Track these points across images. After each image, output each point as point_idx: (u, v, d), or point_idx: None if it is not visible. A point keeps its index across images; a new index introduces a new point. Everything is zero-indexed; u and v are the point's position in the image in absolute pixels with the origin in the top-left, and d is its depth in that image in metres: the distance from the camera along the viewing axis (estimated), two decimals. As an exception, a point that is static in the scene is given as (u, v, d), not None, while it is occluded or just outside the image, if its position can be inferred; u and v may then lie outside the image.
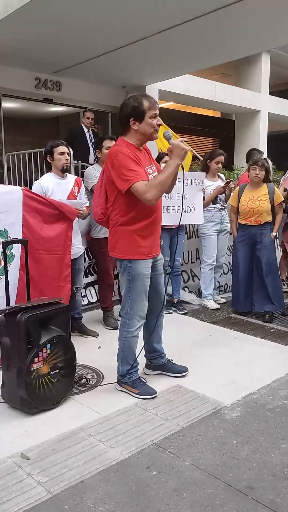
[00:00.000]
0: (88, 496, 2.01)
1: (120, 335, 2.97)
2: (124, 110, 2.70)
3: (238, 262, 4.63)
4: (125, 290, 2.88)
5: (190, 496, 2.00)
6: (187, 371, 3.20)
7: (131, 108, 2.67)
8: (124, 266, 2.82)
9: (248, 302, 4.63)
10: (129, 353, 2.95)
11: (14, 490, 2.03)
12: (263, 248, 4.48)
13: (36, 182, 3.80)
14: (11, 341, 2.68)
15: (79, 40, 6.91)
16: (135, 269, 2.80)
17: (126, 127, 2.75)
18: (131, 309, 2.88)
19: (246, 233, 4.55)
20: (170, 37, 6.90)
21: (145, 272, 2.84)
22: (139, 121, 2.69)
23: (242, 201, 4.53)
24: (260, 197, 4.47)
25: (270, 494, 2.02)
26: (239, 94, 12.85)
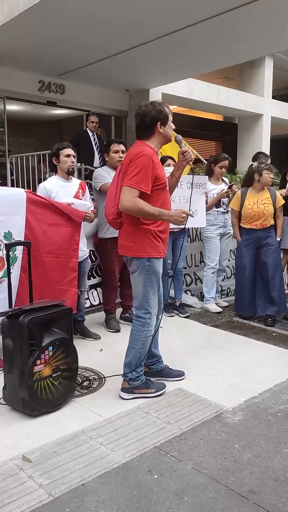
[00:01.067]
0: (89, 499, 2.00)
1: (138, 337, 2.91)
2: (152, 114, 2.77)
3: (244, 266, 4.60)
4: (143, 289, 2.86)
5: (191, 500, 2.00)
6: (184, 375, 3.21)
7: (158, 112, 2.78)
8: (143, 265, 2.83)
9: (252, 306, 4.63)
10: (144, 354, 2.95)
11: (15, 493, 2.03)
12: (269, 251, 4.49)
13: (40, 184, 3.82)
14: (14, 343, 2.68)
15: (83, 43, 6.95)
16: (153, 268, 2.85)
17: (151, 131, 2.81)
18: (150, 307, 2.90)
19: (252, 237, 4.54)
20: (173, 41, 6.93)
21: (161, 271, 2.92)
22: (164, 125, 2.81)
23: (246, 205, 4.50)
24: (264, 200, 4.47)
25: (272, 498, 2.01)
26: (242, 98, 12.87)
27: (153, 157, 2.74)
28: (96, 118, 7.57)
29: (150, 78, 9.23)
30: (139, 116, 2.81)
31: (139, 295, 2.89)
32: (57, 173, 3.82)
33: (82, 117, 10.23)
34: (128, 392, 2.92)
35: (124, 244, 2.88)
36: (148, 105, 2.81)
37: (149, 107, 2.79)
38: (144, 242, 2.80)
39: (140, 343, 2.92)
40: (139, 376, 2.94)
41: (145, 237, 2.80)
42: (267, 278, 4.48)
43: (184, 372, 3.23)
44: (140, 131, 2.83)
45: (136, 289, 2.90)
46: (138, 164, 2.67)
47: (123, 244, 2.90)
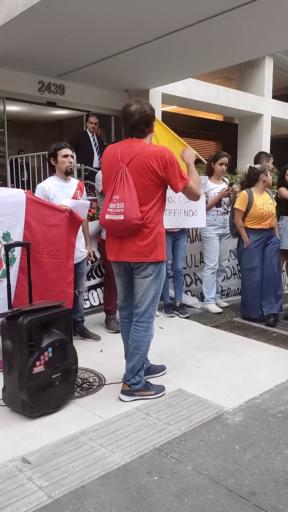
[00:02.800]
0: (89, 501, 1.99)
1: (142, 342, 2.88)
2: (148, 112, 2.72)
3: (254, 267, 4.53)
4: (152, 294, 2.83)
5: (191, 502, 1.99)
6: (165, 368, 3.30)
7: (152, 110, 2.76)
8: (159, 269, 2.82)
9: (259, 306, 4.63)
10: (146, 357, 2.95)
11: (14, 495, 2.02)
12: (274, 249, 4.57)
13: (39, 185, 3.81)
14: (13, 344, 2.68)
15: (83, 44, 6.94)
16: (163, 270, 2.87)
17: (148, 130, 2.77)
18: (154, 311, 2.90)
19: (261, 237, 4.53)
20: (173, 41, 6.92)
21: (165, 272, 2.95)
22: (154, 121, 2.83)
23: (257, 206, 4.45)
24: (269, 200, 4.54)
25: (272, 500, 2.00)
26: (242, 98, 12.87)
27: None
28: (96, 119, 7.57)
29: (150, 78, 9.24)
30: (138, 114, 2.68)
31: (147, 300, 2.83)
32: (55, 174, 3.81)
33: (82, 118, 10.23)
34: (128, 395, 2.91)
35: (144, 250, 2.73)
36: (144, 104, 2.72)
37: (144, 105, 2.71)
38: (163, 246, 2.83)
39: (144, 348, 2.90)
40: (141, 379, 2.93)
41: (163, 240, 2.83)
42: (274, 276, 4.52)
43: (165, 366, 3.31)
44: (137, 128, 2.71)
45: (145, 294, 2.82)
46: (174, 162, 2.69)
47: (141, 250, 2.74)
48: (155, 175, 2.66)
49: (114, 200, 2.68)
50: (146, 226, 2.72)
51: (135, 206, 2.65)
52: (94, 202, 5.39)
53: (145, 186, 2.68)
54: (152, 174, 2.66)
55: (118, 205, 2.67)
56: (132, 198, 2.65)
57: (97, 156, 7.50)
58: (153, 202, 2.72)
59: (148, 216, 2.71)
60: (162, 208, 2.81)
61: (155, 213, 2.74)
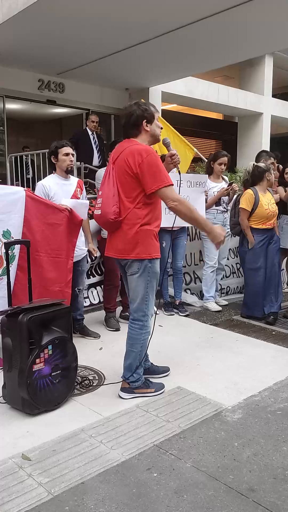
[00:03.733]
0: (88, 497, 2.00)
1: (137, 340, 2.89)
2: (137, 113, 2.77)
3: (259, 267, 4.52)
4: (143, 292, 2.83)
5: (191, 498, 2.00)
6: (169, 370, 3.25)
7: (143, 110, 2.77)
8: (144, 267, 2.80)
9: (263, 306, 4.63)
10: (143, 354, 2.95)
11: (14, 491, 2.04)
12: (275, 248, 4.58)
13: (39, 183, 3.82)
14: (13, 341, 2.68)
15: (83, 42, 6.94)
16: (154, 268, 2.85)
17: (137, 130, 2.80)
18: (148, 310, 2.89)
19: (265, 236, 4.52)
20: (173, 39, 6.92)
21: (158, 271, 2.91)
22: (150, 123, 2.80)
23: (263, 206, 4.44)
24: (272, 199, 4.55)
25: (271, 496, 2.02)
26: (242, 97, 12.86)
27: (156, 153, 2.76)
28: (97, 117, 7.57)
29: (149, 76, 9.23)
30: (125, 116, 2.81)
31: (138, 297, 2.85)
32: (56, 172, 3.81)
33: (82, 116, 10.23)
34: (128, 392, 2.92)
35: (127, 247, 2.78)
36: (132, 105, 2.81)
37: (134, 106, 2.79)
38: (147, 244, 2.78)
39: (139, 346, 2.91)
40: (139, 377, 2.94)
41: (148, 238, 2.78)
42: (275, 275, 4.53)
43: (169, 368, 3.26)
44: (128, 130, 2.82)
45: (136, 291, 2.85)
46: (153, 164, 2.65)
47: (123, 247, 2.79)
48: (131, 172, 2.70)
49: (99, 195, 2.87)
50: (126, 223, 2.76)
51: (111, 202, 2.75)
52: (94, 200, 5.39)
53: (125, 183, 2.75)
54: (128, 171, 2.71)
55: (99, 200, 2.84)
56: (109, 193, 2.76)
57: (97, 154, 7.50)
58: (133, 199, 2.73)
59: (128, 213, 2.75)
60: (148, 206, 2.76)
61: (137, 210, 2.74)
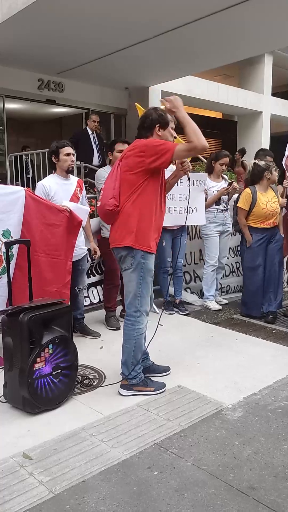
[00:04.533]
0: (89, 495, 2.01)
1: (130, 336, 2.93)
2: (152, 116, 2.87)
3: (257, 266, 4.54)
4: (135, 287, 2.87)
5: (191, 496, 2.01)
6: (169, 370, 3.26)
7: (158, 115, 2.87)
8: (138, 263, 2.84)
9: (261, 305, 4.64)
10: (139, 351, 2.97)
11: (16, 490, 2.04)
12: (276, 248, 4.54)
13: (39, 182, 3.82)
14: (14, 341, 2.69)
15: (82, 41, 6.94)
16: (147, 265, 2.87)
17: (149, 133, 2.88)
18: (141, 306, 2.91)
19: (264, 235, 4.52)
20: (173, 39, 6.92)
21: (153, 268, 2.93)
22: (163, 128, 2.88)
23: (260, 205, 4.43)
24: (273, 198, 4.50)
25: (271, 494, 2.02)
26: (242, 96, 12.85)
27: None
28: (97, 117, 7.56)
29: (149, 76, 9.23)
30: (141, 118, 2.93)
31: (130, 293, 2.90)
32: (56, 171, 3.82)
33: (82, 115, 10.22)
34: (127, 389, 2.94)
35: (121, 236, 2.84)
36: (151, 109, 2.93)
37: (151, 110, 2.91)
38: (142, 236, 2.81)
39: (132, 342, 2.93)
40: (137, 374, 2.95)
41: (146, 228, 2.82)
42: (276, 274, 4.52)
43: (169, 367, 3.27)
44: (140, 131, 2.91)
45: (129, 287, 2.91)
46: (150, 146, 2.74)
47: (119, 235, 2.86)
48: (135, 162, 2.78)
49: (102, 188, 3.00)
50: (122, 215, 2.85)
51: (110, 194, 2.86)
52: (94, 199, 5.40)
53: (125, 177, 2.84)
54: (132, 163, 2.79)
55: (101, 193, 2.97)
56: (110, 186, 2.87)
57: (97, 154, 7.50)
58: (131, 192, 2.81)
59: (125, 205, 2.83)
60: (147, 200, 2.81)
61: (133, 203, 2.81)
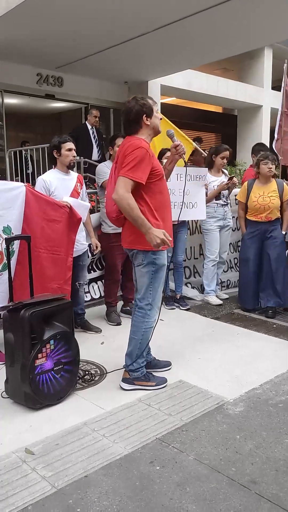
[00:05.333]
0: (92, 490, 2.02)
1: (138, 328, 2.94)
2: (136, 109, 2.80)
3: (247, 258, 4.58)
4: (147, 282, 2.88)
5: (193, 491, 2.02)
6: (171, 365, 3.28)
7: (141, 105, 2.80)
8: (149, 259, 2.84)
9: (255, 298, 4.64)
10: (145, 345, 2.98)
11: (18, 485, 2.05)
12: (273, 244, 4.48)
13: (39, 177, 3.81)
14: (15, 337, 2.69)
15: (81, 35, 6.89)
16: (159, 260, 2.87)
17: (137, 125, 2.83)
18: (153, 300, 2.92)
19: (257, 229, 4.52)
20: (172, 32, 6.87)
21: (165, 263, 2.94)
22: (149, 117, 2.83)
23: (252, 198, 4.47)
24: (270, 193, 4.44)
25: (273, 488, 2.03)
26: (242, 89, 12.79)
27: (149, 150, 2.76)
28: (98, 112, 7.54)
29: (148, 70, 9.17)
30: (124, 113, 2.86)
31: (143, 287, 2.90)
32: (56, 166, 3.80)
33: (81, 110, 10.18)
34: (128, 383, 2.96)
35: (130, 239, 2.87)
36: (131, 100, 2.85)
37: (132, 102, 2.82)
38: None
39: (140, 334, 2.94)
40: (139, 367, 2.96)
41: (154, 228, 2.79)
42: (271, 271, 4.49)
43: (171, 362, 3.29)
44: (128, 127, 2.86)
45: (141, 281, 2.91)
46: (135, 156, 2.67)
47: (128, 238, 2.89)
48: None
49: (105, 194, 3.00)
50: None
51: (110, 202, 2.87)
52: (94, 195, 5.39)
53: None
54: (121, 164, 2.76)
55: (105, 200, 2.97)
56: (110, 192, 2.85)
57: (96, 149, 7.48)
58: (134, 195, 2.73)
59: None
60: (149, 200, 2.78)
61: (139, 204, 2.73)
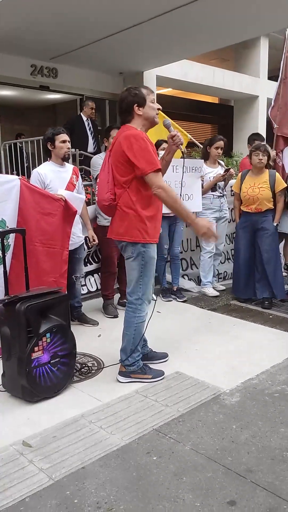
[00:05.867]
0: (89, 481, 2.03)
1: (130, 323, 2.94)
2: (127, 99, 2.80)
3: (239, 248, 4.63)
4: (137, 275, 2.88)
5: (190, 480, 2.03)
6: (167, 356, 3.29)
7: (133, 95, 2.80)
8: (138, 251, 2.84)
9: (249, 289, 4.64)
10: (139, 339, 2.98)
11: (16, 477, 2.06)
12: (264, 235, 4.46)
13: (34, 170, 3.78)
14: (11, 330, 2.69)
15: (75, 25, 6.82)
16: (148, 253, 2.86)
17: (129, 115, 2.82)
18: (143, 294, 2.92)
19: (248, 220, 4.53)
20: (167, 22, 6.81)
21: (155, 256, 2.93)
22: (142, 106, 2.81)
23: (243, 189, 4.50)
24: (261, 184, 4.42)
25: (269, 477, 2.05)
26: (238, 79, 12.71)
27: (147, 138, 2.75)
28: (93, 103, 7.49)
29: (144, 60, 9.10)
30: (118, 103, 2.88)
31: (132, 281, 2.91)
32: (51, 159, 3.78)
33: (76, 101, 10.11)
34: (124, 376, 2.97)
35: (120, 230, 2.86)
36: (124, 91, 2.85)
37: (125, 93, 2.83)
38: (142, 228, 2.80)
39: (132, 329, 2.94)
40: (135, 361, 2.97)
41: (142, 222, 2.80)
42: (263, 261, 4.48)
43: (168, 354, 3.30)
44: (121, 117, 2.87)
45: (130, 275, 2.91)
46: (140, 148, 2.67)
47: (118, 229, 2.88)
48: (124, 157, 2.73)
49: (97, 182, 2.96)
50: (120, 208, 2.83)
51: (105, 188, 2.84)
52: (90, 187, 5.37)
53: (118, 169, 2.80)
54: (120, 156, 2.75)
55: (97, 187, 2.94)
56: (104, 180, 2.85)
57: (92, 140, 7.44)
58: (127, 184, 2.78)
59: (123, 198, 2.80)
60: (141, 190, 2.77)
61: (131, 195, 2.77)
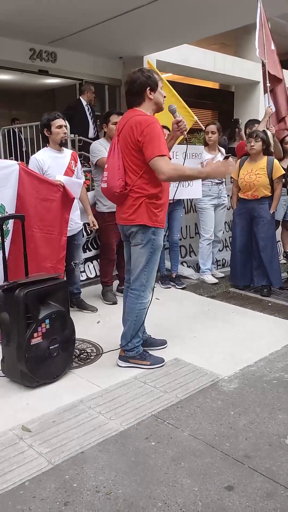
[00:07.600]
0: (88, 466, 2.05)
1: (132, 309, 2.95)
2: (140, 80, 2.73)
3: (236, 235, 4.63)
4: (144, 262, 2.87)
5: (188, 465, 2.05)
6: (166, 343, 3.31)
7: (146, 77, 2.73)
8: (148, 238, 2.83)
9: (246, 276, 4.64)
10: (139, 325, 2.99)
11: (15, 461, 2.08)
12: (260, 223, 4.43)
13: (32, 156, 3.75)
14: (10, 316, 2.69)
15: (75, 8, 6.70)
16: (157, 241, 2.87)
17: (141, 98, 2.77)
18: (147, 281, 2.92)
19: (244, 207, 4.52)
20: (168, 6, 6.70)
21: (162, 244, 2.94)
22: (153, 91, 2.76)
23: (240, 175, 4.48)
24: (258, 170, 4.38)
25: (266, 462, 2.07)
26: (239, 65, 12.55)
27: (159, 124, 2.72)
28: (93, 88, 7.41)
29: (144, 44, 8.96)
30: (128, 83, 2.78)
31: (138, 267, 2.89)
32: (49, 145, 3.74)
33: (75, 86, 9.98)
34: (124, 361, 3.00)
35: (130, 217, 2.81)
36: (136, 71, 2.77)
37: (137, 73, 2.75)
38: (153, 214, 2.80)
39: (134, 315, 2.95)
40: (135, 347, 2.98)
41: (153, 208, 2.80)
42: (259, 249, 4.47)
43: (166, 341, 3.31)
44: (130, 98, 2.80)
45: (137, 261, 2.89)
46: (154, 134, 2.63)
47: (128, 216, 2.82)
48: (135, 142, 2.68)
49: (105, 168, 2.86)
50: (131, 195, 2.79)
51: (116, 175, 2.76)
52: (89, 173, 5.33)
53: (129, 154, 2.74)
54: (132, 143, 2.69)
55: (105, 174, 2.84)
56: (114, 167, 2.77)
57: (92, 125, 7.36)
58: (138, 170, 2.74)
59: (134, 185, 2.76)
60: (153, 176, 2.73)
61: (144, 182, 2.74)
